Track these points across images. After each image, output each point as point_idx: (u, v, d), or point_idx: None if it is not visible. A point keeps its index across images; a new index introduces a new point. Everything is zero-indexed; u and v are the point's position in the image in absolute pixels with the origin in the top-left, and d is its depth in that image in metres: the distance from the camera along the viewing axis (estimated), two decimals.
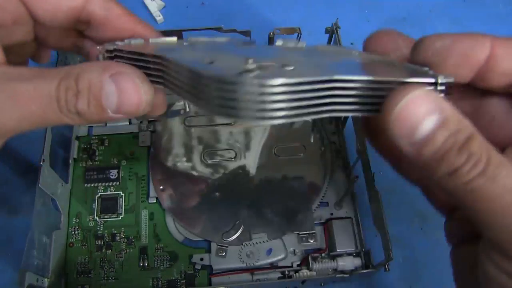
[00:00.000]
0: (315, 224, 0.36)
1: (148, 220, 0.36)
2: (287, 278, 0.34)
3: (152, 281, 0.34)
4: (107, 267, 0.35)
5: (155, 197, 0.37)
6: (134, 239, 0.36)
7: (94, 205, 0.37)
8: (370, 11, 0.49)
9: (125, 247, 0.35)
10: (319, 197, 0.37)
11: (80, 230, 0.36)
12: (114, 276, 0.34)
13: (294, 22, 0.48)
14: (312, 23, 0.47)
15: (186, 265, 0.35)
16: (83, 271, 0.35)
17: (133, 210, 0.37)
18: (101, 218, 0.36)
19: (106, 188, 0.37)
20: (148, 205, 0.37)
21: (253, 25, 0.41)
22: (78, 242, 0.36)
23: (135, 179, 0.38)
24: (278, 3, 0.49)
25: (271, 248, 0.35)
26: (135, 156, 0.39)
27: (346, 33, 0.46)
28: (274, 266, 0.35)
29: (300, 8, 0.49)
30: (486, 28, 0.48)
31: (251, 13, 0.48)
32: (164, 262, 0.35)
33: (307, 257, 0.35)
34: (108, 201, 0.37)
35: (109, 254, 0.35)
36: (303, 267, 0.34)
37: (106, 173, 0.38)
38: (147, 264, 0.35)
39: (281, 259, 0.35)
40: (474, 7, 0.49)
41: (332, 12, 0.48)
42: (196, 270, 0.35)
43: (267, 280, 0.34)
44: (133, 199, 0.37)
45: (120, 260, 0.35)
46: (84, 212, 0.37)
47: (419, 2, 0.49)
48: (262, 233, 0.35)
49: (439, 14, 0.49)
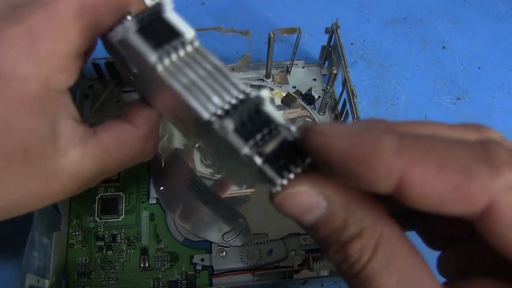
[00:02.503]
0: None
1: (148, 220, 0.36)
2: (288, 278, 0.34)
3: (153, 282, 0.34)
4: (108, 268, 0.35)
5: (155, 197, 0.37)
6: (135, 240, 0.36)
7: (94, 206, 0.37)
8: (370, 11, 0.49)
9: (125, 248, 0.35)
10: None
11: (81, 231, 0.36)
12: (114, 277, 0.34)
13: (294, 22, 0.48)
14: (312, 23, 0.47)
15: (187, 266, 0.35)
16: (83, 272, 0.34)
17: (133, 211, 0.37)
18: (102, 219, 0.36)
19: (107, 189, 0.37)
20: (149, 205, 0.37)
21: (253, 25, 0.41)
22: (78, 243, 0.36)
23: (135, 179, 0.38)
24: (278, 3, 0.49)
25: (272, 248, 0.35)
26: None
27: (346, 33, 0.46)
28: (275, 266, 0.35)
29: (300, 8, 0.49)
30: (486, 28, 0.48)
31: (251, 13, 0.48)
32: (165, 263, 0.35)
33: (308, 257, 0.35)
34: (108, 202, 0.37)
35: (110, 255, 0.35)
36: (304, 267, 0.34)
37: None
38: (148, 265, 0.35)
39: (282, 259, 0.35)
40: (474, 7, 0.49)
41: (332, 12, 0.48)
42: (197, 271, 0.35)
43: (268, 280, 0.34)
44: (134, 200, 0.37)
45: (120, 261, 0.35)
46: (85, 213, 0.37)
47: (419, 2, 0.50)
48: (263, 234, 0.35)
49: (439, 14, 0.49)
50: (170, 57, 0.19)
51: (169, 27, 0.19)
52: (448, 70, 0.46)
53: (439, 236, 0.21)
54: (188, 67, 0.19)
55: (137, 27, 0.19)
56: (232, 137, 0.16)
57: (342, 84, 0.37)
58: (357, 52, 0.46)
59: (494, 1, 0.50)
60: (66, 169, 0.22)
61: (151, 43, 0.19)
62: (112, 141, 0.24)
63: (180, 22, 0.20)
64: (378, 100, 0.44)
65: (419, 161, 0.14)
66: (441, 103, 0.44)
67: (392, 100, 0.44)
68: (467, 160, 0.14)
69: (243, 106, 0.17)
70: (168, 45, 0.19)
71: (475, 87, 0.45)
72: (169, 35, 0.19)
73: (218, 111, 0.18)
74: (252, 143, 0.16)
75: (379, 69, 0.45)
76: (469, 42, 0.47)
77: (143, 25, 0.19)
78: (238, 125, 0.16)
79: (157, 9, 0.20)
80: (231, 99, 0.18)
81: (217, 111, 0.18)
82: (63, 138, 0.22)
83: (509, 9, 0.49)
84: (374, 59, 0.46)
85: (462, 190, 0.14)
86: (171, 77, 0.19)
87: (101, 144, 0.24)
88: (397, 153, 0.14)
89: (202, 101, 0.18)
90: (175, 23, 0.19)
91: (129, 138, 0.25)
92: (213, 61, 0.19)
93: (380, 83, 0.45)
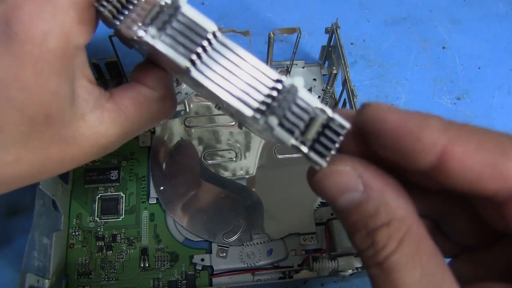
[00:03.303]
0: (316, 224, 0.36)
1: (148, 220, 0.36)
2: (288, 278, 0.34)
3: (153, 281, 0.34)
4: (108, 268, 0.35)
5: (155, 197, 0.37)
6: (135, 240, 0.36)
7: (94, 206, 0.37)
8: (370, 11, 0.49)
9: (125, 248, 0.35)
10: (320, 197, 0.37)
11: (81, 231, 0.36)
12: (114, 277, 0.34)
13: (294, 22, 0.48)
14: (312, 23, 0.47)
15: (187, 266, 0.35)
16: (83, 272, 0.34)
17: (133, 211, 0.37)
18: (102, 219, 0.36)
19: (107, 189, 0.37)
20: (149, 205, 0.37)
21: (253, 25, 0.41)
22: (78, 243, 0.36)
23: (135, 179, 0.38)
24: (278, 3, 0.49)
25: (272, 248, 0.35)
26: (135, 157, 0.39)
27: (346, 33, 0.46)
28: (275, 266, 0.35)
29: (300, 8, 0.49)
30: (486, 28, 0.48)
31: (251, 13, 0.48)
32: (164, 263, 0.35)
33: (308, 257, 0.35)
34: (108, 202, 0.37)
35: (110, 255, 0.35)
36: (304, 267, 0.34)
37: (106, 174, 0.38)
38: (148, 265, 0.35)
39: (282, 259, 0.35)
40: (474, 7, 0.49)
41: (332, 12, 0.48)
42: (197, 271, 0.35)
43: (268, 280, 0.34)
44: (134, 199, 0.37)
45: (120, 261, 0.35)
46: (85, 213, 0.37)
47: (419, 2, 0.50)
48: (262, 234, 0.35)
49: (439, 14, 0.49)
50: (200, 58, 0.18)
51: (190, 24, 0.19)
52: (448, 70, 0.46)
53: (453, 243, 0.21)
54: (218, 64, 0.18)
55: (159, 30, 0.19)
56: (278, 131, 0.17)
57: (342, 84, 0.37)
58: (357, 52, 0.46)
59: (494, 1, 0.50)
60: (85, 133, 0.21)
61: (179, 48, 0.18)
62: (129, 104, 0.23)
63: (201, 17, 0.19)
64: (378, 100, 0.44)
65: (461, 138, 0.16)
66: (441, 103, 0.44)
67: (392, 100, 0.44)
68: (505, 143, 0.16)
69: (282, 97, 0.18)
70: (195, 45, 0.18)
71: (475, 87, 0.45)
72: (193, 33, 0.18)
73: (259, 106, 0.18)
74: (297, 134, 0.17)
75: (379, 69, 0.45)
76: (469, 42, 0.47)
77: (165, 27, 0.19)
78: (281, 118, 0.17)
79: (175, 6, 0.19)
80: (269, 91, 0.18)
81: (259, 106, 0.18)
82: (80, 100, 0.21)
83: (509, 9, 0.49)
84: (374, 59, 0.46)
85: (498, 167, 0.15)
86: (205, 79, 0.18)
87: (118, 107, 0.23)
88: (443, 130, 0.16)
89: (243, 99, 0.18)
90: (197, 19, 0.19)
91: (146, 100, 0.24)
92: (239, 52, 0.19)
93: (380, 83, 0.45)
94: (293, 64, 0.42)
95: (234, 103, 0.18)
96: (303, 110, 0.18)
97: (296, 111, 0.17)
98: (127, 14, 0.20)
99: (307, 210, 0.36)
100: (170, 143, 0.39)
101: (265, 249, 0.35)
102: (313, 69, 0.44)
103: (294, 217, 0.36)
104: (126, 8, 0.20)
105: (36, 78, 0.19)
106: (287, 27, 0.38)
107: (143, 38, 0.19)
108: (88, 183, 0.37)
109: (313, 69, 0.44)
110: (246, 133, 0.39)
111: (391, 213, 0.17)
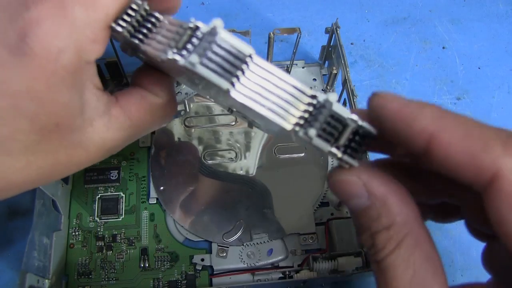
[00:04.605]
0: (316, 224, 0.36)
1: (148, 220, 0.36)
2: (288, 278, 0.34)
3: (153, 282, 0.34)
4: (108, 268, 0.35)
5: (155, 197, 0.37)
6: (135, 240, 0.36)
7: (94, 206, 0.37)
8: (370, 11, 0.49)
9: (125, 248, 0.35)
10: (320, 197, 0.37)
11: (81, 231, 0.36)
12: (114, 277, 0.34)
13: (294, 22, 0.48)
14: (312, 23, 0.47)
15: (187, 266, 0.35)
16: (83, 272, 0.35)
17: (133, 211, 0.37)
18: (102, 219, 0.36)
19: (107, 189, 0.37)
20: (149, 205, 0.37)
21: (253, 25, 0.41)
22: (78, 243, 0.36)
23: (135, 179, 0.38)
24: (278, 3, 0.49)
25: (272, 248, 0.35)
26: (135, 157, 0.39)
27: (346, 33, 0.46)
28: (275, 266, 0.35)
29: (300, 8, 0.49)
30: (486, 28, 0.48)
31: (251, 13, 0.48)
32: (164, 263, 0.35)
33: (308, 257, 0.35)
34: (108, 202, 0.37)
35: (110, 255, 0.35)
36: (304, 267, 0.34)
37: (106, 174, 0.38)
38: (148, 265, 0.35)
39: (282, 259, 0.35)
40: (474, 7, 0.49)
41: (332, 12, 0.48)
42: (197, 271, 0.35)
43: (268, 280, 0.34)
44: (134, 199, 0.37)
45: (120, 261, 0.35)
46: (85, 213, 0.37)
47: (419, 2, 0.50)
48: (262, 234, 0.35)
49: (439, 14, 0.49)
50: (239, 80, 0.19)
51: (230, 49, 0.19)
52: (448, 70, 0.46)
53: None
54: (256, 84, 0.20)
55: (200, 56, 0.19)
56: (316, 141, 0.19)
57: (342, 84, 0.37)
58: (357, 52, 0.46)
59: (494, 1, 0.50)
60: (93, 138, 0.23)
61: (219, 71, 0.19)
62: (135, 110, 0.24)
63: (238, 41, 0.20)
64: None
65: (450, 128, 0.17)
66: (441, 103, 0.44)
67: None
68: (489, 137, 0.17)
69: (317, 111, 0.20)
70: (235, 68, 0.19)
71: (475, 87, 0.45)
72: (232, 57, 0.19)
73: (298, 120, 0.20)
74: (333, 142, 0.20)
75: (379, 69, 0.45)
76: (469, 42, 0.47)
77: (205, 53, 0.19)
78: (318, 130, 0.19)
79: (213, 33, 0.19)
80: (306, 107, 0.20)
81: (298, 121, 0.20)
82: (90, 108, 0.22)
83: (509, 9, 0.49)
84: (374, 59, 0.46)
85: (476, 158, 0.17)
86: (245, 98, 0.20)
87: (124, 112, 0.24)
88: (434, 118, 0.17)
89: (282, 115, 0.20)
90: (235, 43, 0.19)
91: (151, 106, 0.25)
92: (274, 71, 0.20)
93: (380, 83, 0.45)
94: (293, 64, 0.42)
95: (274, 119, 0.20)
96: (338, 121, 0.20)
97: (331, 123, 0.20)
98: (150, 35, 0.22)
99: (307, 210, 0.36)
100: (170, 143, 0.39)
101: (265, 249, 0.35)
102: (313, 69, 0.44)
103: (294, 217, 0.36)
104: (145, 27, 0.22)
105: (48, 91, 0.20)
106: (287, 27, 0.38)
107: (179, 62, 0.19)
108: (88, 183, 0.38)
109: (313, 69, 0.44)
110: (246, 133, 0.39)
111: (391, 218, 0.19)
